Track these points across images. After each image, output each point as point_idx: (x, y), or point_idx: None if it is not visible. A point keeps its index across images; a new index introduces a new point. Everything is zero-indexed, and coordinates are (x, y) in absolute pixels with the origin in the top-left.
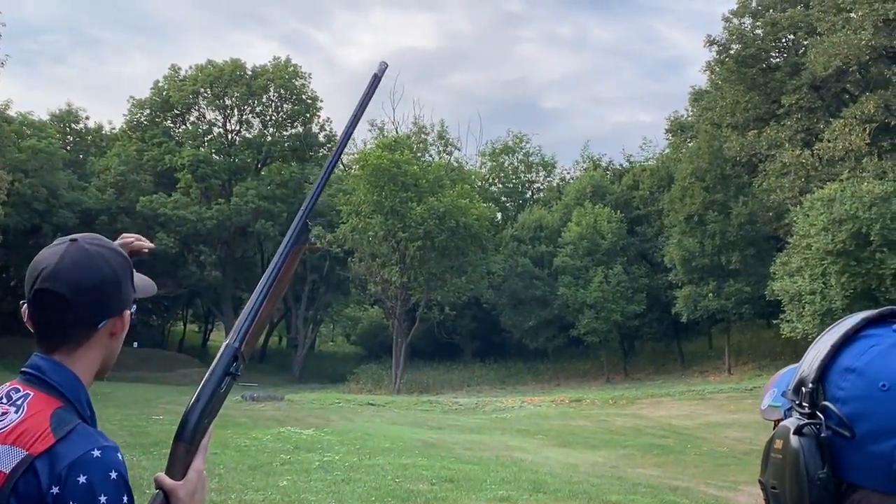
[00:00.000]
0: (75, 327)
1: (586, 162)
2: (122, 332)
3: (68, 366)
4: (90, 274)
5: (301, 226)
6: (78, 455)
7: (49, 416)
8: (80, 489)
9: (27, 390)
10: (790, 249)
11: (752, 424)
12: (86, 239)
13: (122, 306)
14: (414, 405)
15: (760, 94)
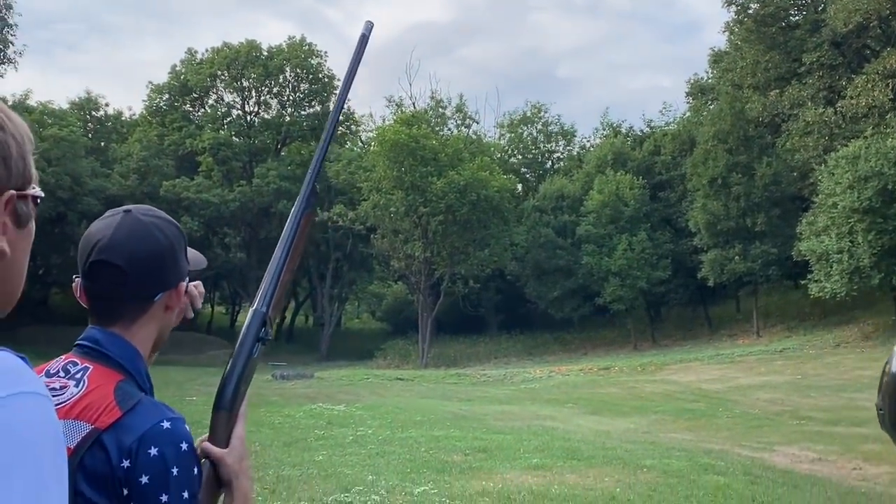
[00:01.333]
0: (132, 300)
1: (606, 129)
2: (177, 307)
3: (126, 338)
4: (146, 244)
5: (310, 190)
6: (147, 427)
7: (113, 390)
8: (153, 462)
9: (85, 363)
10: (816, 209)
11: (784, 386)
12: (140, 210)
13: (178, 278)
14: (442, 379)
15: (781, 53)
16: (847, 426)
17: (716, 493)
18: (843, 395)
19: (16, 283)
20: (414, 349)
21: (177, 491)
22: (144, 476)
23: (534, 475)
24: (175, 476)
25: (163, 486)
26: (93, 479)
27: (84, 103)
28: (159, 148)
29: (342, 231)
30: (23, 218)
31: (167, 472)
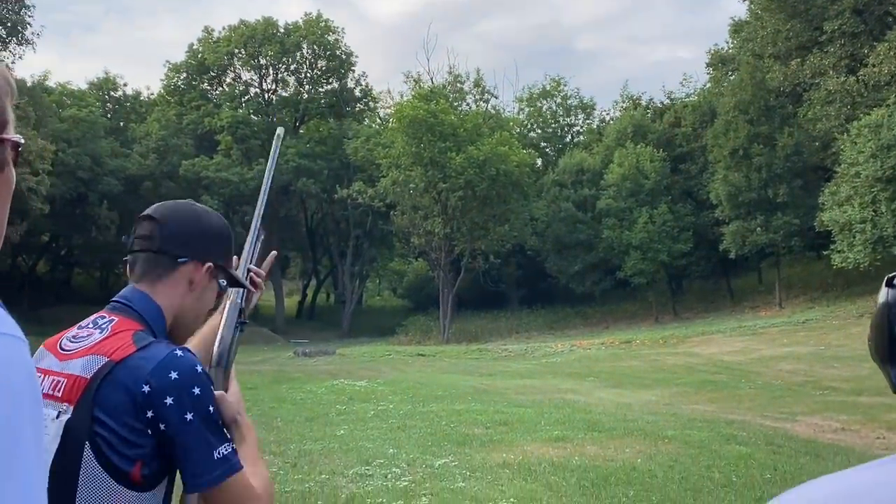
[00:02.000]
0: (160, 254)
1: (626, 102)
2: (202, 290)
3: (151, 296)
4: (185, 215)
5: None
6: (163, 355)
7: (131, 335)
8: (174, 384)
9: (112, 316)
10: (838, 178)
11: (807, 357)
12: (200, 203)
13: (205, 255)
14: (463, 354)
15: (802, 22)
16: (870, 396)
17: (738, 462)
18: (866, 365)
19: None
20: (435, 325)
21: (200, 408)
22: (168, 398)
23: (554, 447)
24: (196, 395)
25: (186, 404)
26: (111, 407)
27: (102, 84)
28: (178, 127)
29: (362, 208)
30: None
31: (189, 392)
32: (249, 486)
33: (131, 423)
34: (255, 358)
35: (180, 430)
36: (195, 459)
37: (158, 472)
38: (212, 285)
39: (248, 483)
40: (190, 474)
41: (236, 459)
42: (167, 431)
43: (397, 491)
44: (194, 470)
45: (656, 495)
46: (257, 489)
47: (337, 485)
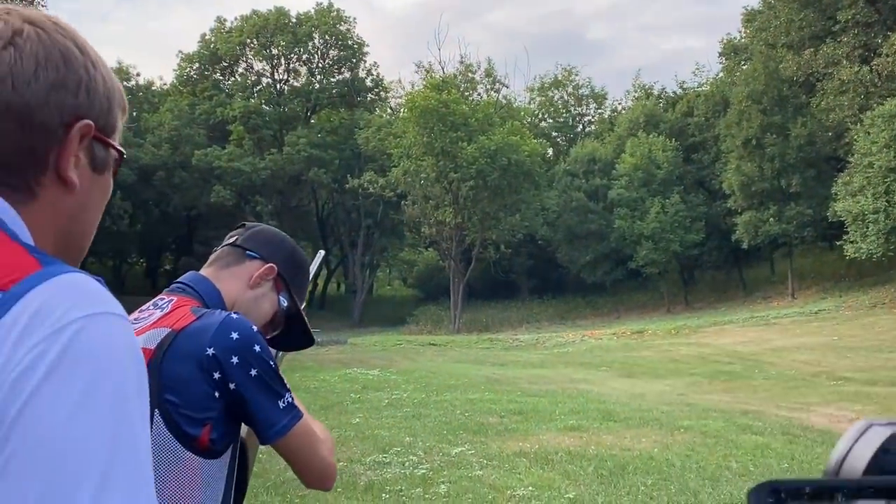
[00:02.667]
0: (234, 247)
1: (638, 91)
2: (259, 290)
3: (212, 281)
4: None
5: None
6: (222, 319)
7: (189, 308)
8: (237, 343)
9: (171, 297)
10: (851, 169)
11: (820, 347)
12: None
13: (272, 258)
14: (475, 344)
15: (815, 11)
16: (885, 386)
17: (754, 452)
18: (880, 355)
19: (87, 229)
20: (446, 315)
21: (262, 363)
22: (234, 357)
23: (570, 436)
24: (258, 352)
25: (251, 361)
26: (177, 373)
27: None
28: (190, 117)
29: (373, 198)
30: (99, 161)
31: (251, 350)
32: (313, 432)
33: (199, 386)
34: None
35: (248, 386)
36: (266, 410)
37: (225, 436)
38: (271, 294)
39: (311, 429)
40: (263, 426)
41: (298, 407)
42: (237, 389)
43: (416, 479)
44: (266, 421)
45: (674, 485)
46: (319, 434)
47: (355, 472)
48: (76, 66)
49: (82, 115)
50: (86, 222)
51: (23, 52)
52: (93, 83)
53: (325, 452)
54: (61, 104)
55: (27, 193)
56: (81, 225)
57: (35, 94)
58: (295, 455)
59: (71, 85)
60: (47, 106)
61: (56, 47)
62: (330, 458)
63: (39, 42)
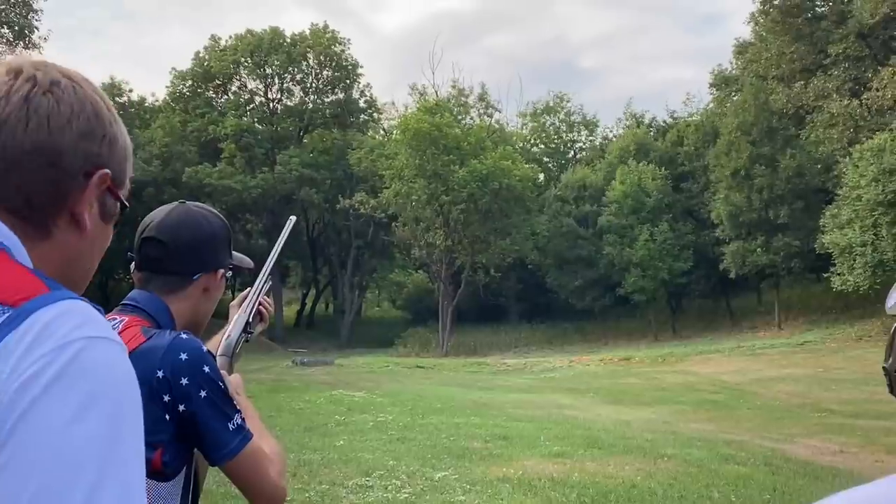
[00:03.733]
0: (173, 275)
1: (629, 120)
2: (215, 292)
3: (161, 300)
4: (191, 229)
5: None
6: (171, 339)
7: (140, 328)
8: (185, 364)
9: (122, 317)
10: (840, 201)
11: (805, 378)
12: (192, 203)
13: (217, 265)
14: (462, 367)
15: (806, 45)
16: (869, 419)
17: (736, 482)
18: (865, 388)
19: (87, 273)
20: (434, 338)
21: (212, 384)
22: (183, 378)
23: (554, 463)
24: (207, 372)
25: (200, 382)
26: None
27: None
28: (182, 134)
29: (363, 219)
30: (108, 210)
31: (200, 370)
32: (263, 453)
33: (149, 409)
34: (253, 366)
35: (198, 407)
36: (215, 432)
37: (178, 458)
38: (221, 282)
39: (261, 450)
40: (212, 448)
41: (248, 428)
42: (186, 411)
43: (398, 503)
44: (216, 443)
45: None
46: (269, 454)
47: (337, 495)
48: (104, 120)
49: (103, 165)
50: (87, 266)
51: (60, 101)
52: (114, 137)
53: (275, 475)
54: (88, 152)
55: (43, 231)
56: (83, 268)
57: (67, 140)
58: (244, 478)
59: (97, 136)
60: (76, 152)
61: (87, 101)
62: (279, 481)
63: (74, 94)
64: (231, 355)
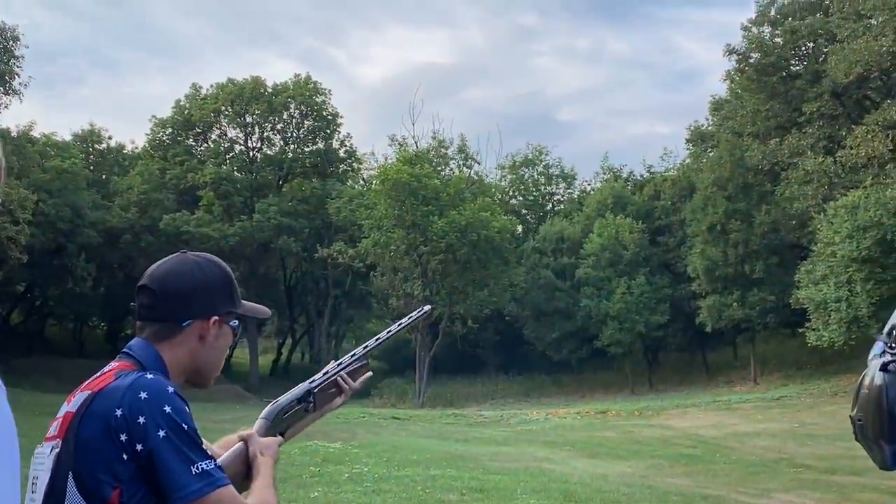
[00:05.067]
0: (162, 321)
1: (606, 173)
2: (214, 339)
3: (155, 348)
4: (180, 276)
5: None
6: (133, 379)
7: (116, 371)
8: (144, 403)
9: (114, 363)
10: (814, 257)
11: (781, 433)
12: (193, 252)
13: (209, 312)
14: (438, 418)
15: (781, 103)
16: (844, 475)
17: None
18: (840, 444)
19: None
20: (411, 388)
21: (172, 424)
22: (140, 417)
23: None
24: (167, 412)
25: (158, 421)
26: (90, 435)
27: (87, 136)
28: (161, 181)
29: (342, 268)
30: None
31: (160, 410)
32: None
33: (107, 448)
34: (227, 416)
35: (155, 446)
36: (173, 473)
37: (140, 500)
38: (224, 330)
39: (237, 500)
40: (170, 489)
41: (221, 475)
42: (143, 450)
43: None
44: (174, 484)
45: None
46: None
47: None
48: None
49: None
50: None
51: None
52: None
53: None
54: None
55: None
56: None
57: None
58: None
59: None
60: None
61: None
62: None
63: None
64: (272, 419)
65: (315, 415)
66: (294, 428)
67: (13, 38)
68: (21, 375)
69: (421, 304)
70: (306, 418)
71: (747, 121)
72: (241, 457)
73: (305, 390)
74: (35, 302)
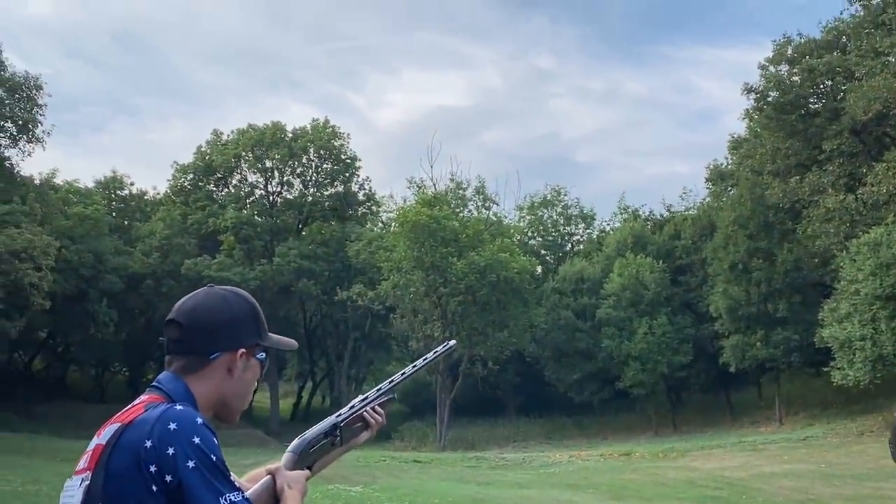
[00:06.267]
0: (190, 354)
1: (625, 213)
2: (242, 372)
3: (183, 380)
4: (207, 310)
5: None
6: (162, 410)
7: (146, 403)
8: (173, 434)
9: (144, 396)
10: (838, 295)
11: (808, 474)
12: (220, 287)
13: (237, 344)
14: (460, 461)
15: (801, 140)
16: None
17: None
18: (868, 483)
19: None
20: (432, 431)
21: (202, 455)
22: (169, 448)
23: None
24: (196, 443)
25: (187, 452)
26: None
27: (109, 182)
28: (182, 227)
29: (361, 311)
30: None
31: (189, 442)
32: None
33: (137, 480)
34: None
35: (185, 476)
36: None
37: None
38: (251, 363)
39: None
40: None
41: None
42: (173, 481)
43: None
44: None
45: None
46: None
47: None
48: None
49: None
50: None
51: None
52: None
53: None
54: None
55: None
56: None
57: None
58: None
59: None
60: None
61: None
62: None
63: None
64: (299, 453)
65: (341, 449)
66: (320, 462)
67: (36, 87)
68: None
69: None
70: (332, 452)
71: (767, 159)
72: (269, 490)
73: (332, 424)
74: (57, 348)
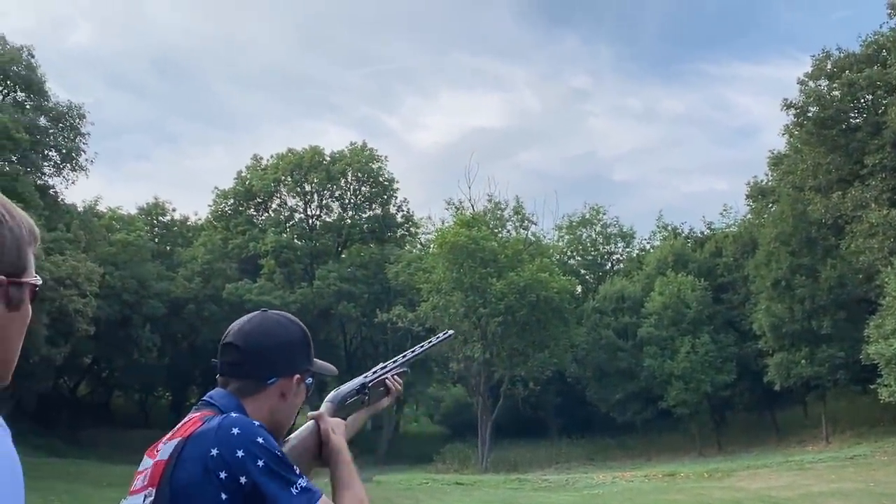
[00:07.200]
0: (248, 378)
1: (664, 231)
2: (293, 397)
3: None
4: (266, 335)
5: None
6: (220, 420)
7: (202, 416)
8: (238, 438)
9: (196, 413)
10: (883, 311)
11: (856, 493)
12: (274, 311)
13: (292, 370)
14: (503, 483)
15: (842, 155)
16: None
17: None
18: None
19: (9, 356)
20: (473, 453)
21: (268, 453)
22: (238, 451)
23: None
24: (261, 443)
25: (256, 453)
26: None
27: (151, 209)
28: (223, 251)
29: (401, 332)
30: (14, 301)
31: (254, 442)
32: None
33: (206, 490)
34: None
35: (258, 476)
36: (279, 498)
37: None
38: (301, 388)
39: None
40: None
41: (315, 489)
42: (248, 482)
43: None
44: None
45: None
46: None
47: None
48: None
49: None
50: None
51: None
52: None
53: None
54: None
55: None
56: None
57: None
58: None
59: None
60: None
61: None
62: None
63: None
64: (336, 403)
65: (367, 410)
66: (351, 419)
67: (79, 115)
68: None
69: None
70: (360, 413)
71: (808, 174)
72: (314, 434)
73: (361, 383)
74: (101, 374)
